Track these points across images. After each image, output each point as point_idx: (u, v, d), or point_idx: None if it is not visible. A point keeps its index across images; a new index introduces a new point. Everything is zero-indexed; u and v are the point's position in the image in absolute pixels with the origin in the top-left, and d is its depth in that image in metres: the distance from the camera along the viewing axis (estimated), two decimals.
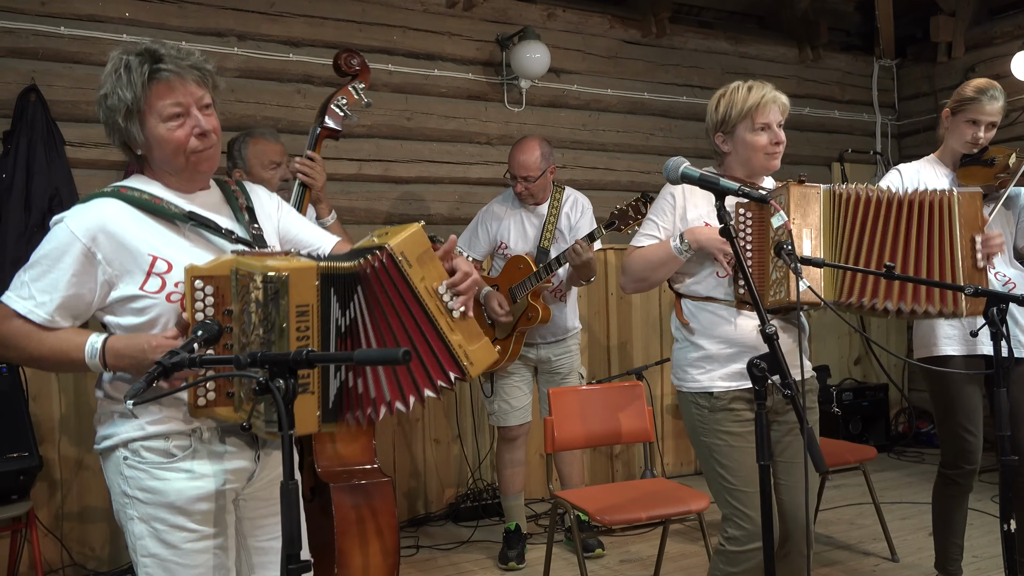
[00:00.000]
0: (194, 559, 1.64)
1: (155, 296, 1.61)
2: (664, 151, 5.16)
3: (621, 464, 5.01)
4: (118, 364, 1.58)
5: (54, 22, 3.65)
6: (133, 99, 1.61)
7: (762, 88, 2.35)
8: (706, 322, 2.34)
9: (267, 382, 1.26)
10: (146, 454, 1.64)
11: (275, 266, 1.49)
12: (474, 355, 1.67)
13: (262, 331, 1.49)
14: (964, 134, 2.89)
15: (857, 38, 6.19)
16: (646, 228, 2.43)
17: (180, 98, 1.63)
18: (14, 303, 1.61)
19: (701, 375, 2.34)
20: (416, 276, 1.61)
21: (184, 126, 1.64)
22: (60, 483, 3.61)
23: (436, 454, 4.50)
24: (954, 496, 2.99)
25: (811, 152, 5.83)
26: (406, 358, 1.21)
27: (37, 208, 3.47)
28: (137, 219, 1.64)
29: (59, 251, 1.60)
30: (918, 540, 3.87)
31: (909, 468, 5.27)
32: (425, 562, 3.84)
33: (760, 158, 2.34)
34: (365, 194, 4.40)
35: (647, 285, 2.44)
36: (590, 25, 5.05)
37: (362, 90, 2.90)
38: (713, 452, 2.31)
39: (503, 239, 3.79)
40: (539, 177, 3.66)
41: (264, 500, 1.77)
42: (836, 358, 5.91)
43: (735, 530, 2.28)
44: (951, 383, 2.89)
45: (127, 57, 1.63)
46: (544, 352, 3.78)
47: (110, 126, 1.67)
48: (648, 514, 2.99)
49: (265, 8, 4.13)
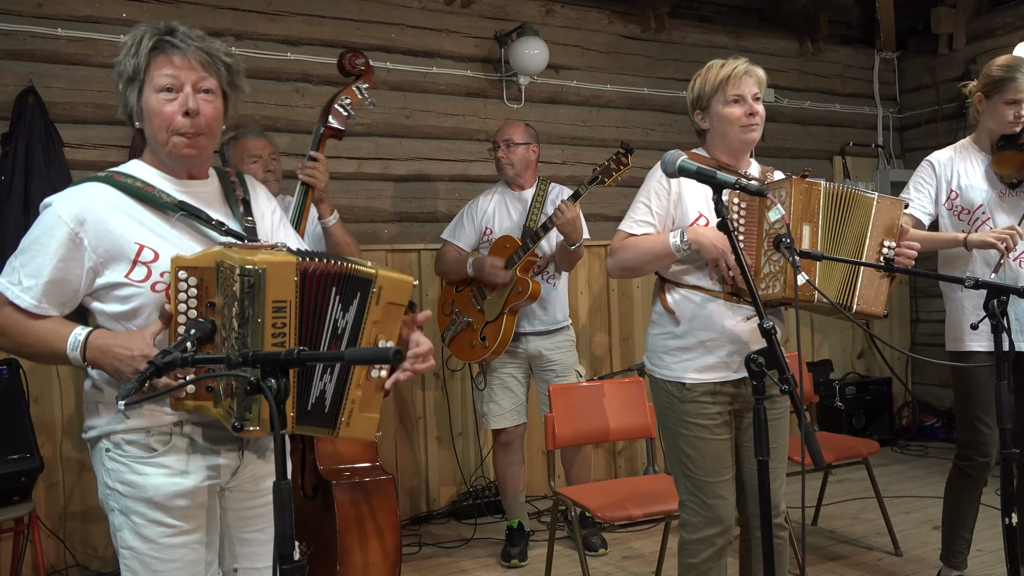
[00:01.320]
0: (171, 553, 1.63)
1: (140, 285, 1.59)
2: (664, 146, 5.10)
3: (623, 460, 5.00)
4: (99, 361, 1.56)
5: (51, 24, 3.65)
6: (135, 67, 1.62)
7: (735, 62, 2.33)
8: (689, 311, 2.31)
9: (258, 382, 1.25)
10: (127, 447, 1.63)
11: (253, 259, 1.47)
12: (355, 420, 1.61)
13: (236, 325, 1.47)
14: (1005, 114, 2.85)
15: (858, 31, 6.16)
16: (637, 212, 2.36)
17: (176, 72, 1.62)
18: (3, 289, 1.61)
19: (675, 364, 2.32)
20: (371, 317, 1.58)
21: (174, 102, 1.62)
22: (62, 484, 3.61)
23: (438, 452, 4.50)
24: (966, 488, 2.99)
25: (812, 145, 5.82)
26: (397, 357, 1.20)
27: (36, 210, 3.46)
28: (127, 206, 1.62)
29: (46, 236, 1.59)
30: (922, 534, 3.85)
31: (913, 462, 5.25)
32: (428, 560, 3.84)
33: (736, 131, 2.30)
34: (365, 192, 4.39)
35: (635, 274, 2.43)
36: (589, 21, 5.03)
37: (366, 90, 2.89)
38: (679, 440, 2.33)
39: (488, 225, 3.79)
40: (520, 145, 3.69)
41: (249, 492, 1.76)
42: (839, 352, 5.89)
43: (691, 516, 2.33)
44: (970, 375, 2.89)
45: (144, 28, 1.65)
46: (535, 345, 3.72)
47: (118, 95, 1.68)
48: (650, 510, 2.98)
49: (263, 7, 4.13)
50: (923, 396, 5.98)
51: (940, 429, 5.70)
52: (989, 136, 2.95)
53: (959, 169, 2.96)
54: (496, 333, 3.60)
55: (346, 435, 1.60)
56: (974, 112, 3.00)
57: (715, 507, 2.28)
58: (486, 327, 3.65)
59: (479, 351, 3.67)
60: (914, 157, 5.89)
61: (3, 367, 3.28)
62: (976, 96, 2.95)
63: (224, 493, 1.73)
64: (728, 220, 1.84)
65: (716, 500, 2.28)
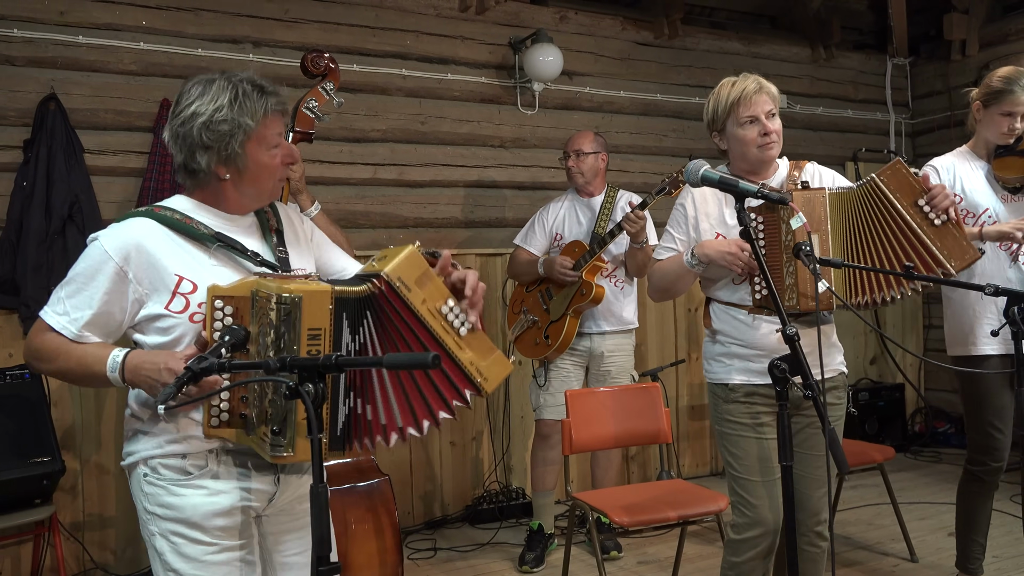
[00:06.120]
0: (215, 571, 1.65)
1: (179, 316, 1.64)
2: (677, 152, 5.16)
3: (637, 466, 5.01)
4: (134, 379, 1.60)
5: (72, 31, 3.69)
6: (254, 126, 1.67)
7: (745, 80, 2.34)
8: (728, 325, 2.42)
9: (296, 386, 1.27)
10: (164, 471, 1.67)
11: (290, 288, 1.51)
12: (487, 370, 1.66)
13: (273, 353, 1.51)
14: (1000, 126, 2.88)
15: (870, 37, 6.17)
16: (665, 240, 2.51)
17: (281, 128, 1.74)
18: (49, 318, 1.66)
19: (720, 368, 2.44)
20: (417, 299, 1.60)
21: (277, 156, 1.73)
22: (81, 488, 3.64)
23: (452, 456, 4.52)
24: (978, 493, 2.99)
25: (825, 151, 5.82)
26: (435, 362, 1.22)
27: (57, 215, 3.50)
28: (168, 239, 1.67)
29: (93, 269, 1.64)
30: (937, 540, 3.85)
31: (926, 468, 5.25)
32: (443, 564, 3.85)
33: (753, 151, 2.34)
34: (380, 198, 4.42)
35: (671, 295, 2.56)
36: (602, 27, 5.05)
37: (332, 90, 2.87)
38: (725, 440, 2.42)
39: (558, 231, 3.94)
40: (590, 155, 3.86)
41: (288, 514, 1.79)
42: (852, 358, 5.87)
43: (738, 517, 2.38)
44: (982, 380, 2.89)
45: (242, 86, 1.68)
46: (598, 344, 3.83)
47: (206, 148, 1.66)
48: (666, 515, 2.99)
49: (280, 15, 4.16)
50: (936, 402, 5.97)
51: (953, 435, 5.69)
52: (985, 145, 2.97)
53: (962, 174, 2.96)
54: (559, 332, 3.74)
55: (494, 386, 1.67)
56: (971, 120, 3.01)
57: (758, 508, 2.32)
58: (550, 326, 3.79)
59: (542, 348, 3.82)
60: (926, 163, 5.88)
61: (25, 371, 3.31)
62: (975, 104, 2.96)
63: (261, 519, 1.76)
64: (751, 228, 1.85)
65: (758, 500, 2.32)
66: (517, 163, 4.80)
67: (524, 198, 4.76)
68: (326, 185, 4.19)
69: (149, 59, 3.84)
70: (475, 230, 4.65)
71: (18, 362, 3.42)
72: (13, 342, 3.54)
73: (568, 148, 3.92)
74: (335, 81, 2.90)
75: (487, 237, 4.66)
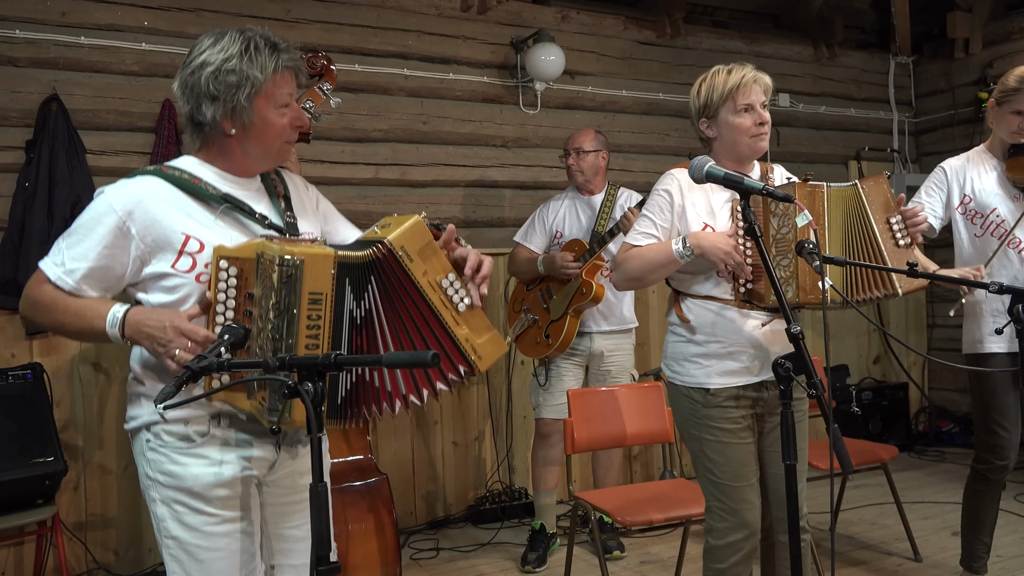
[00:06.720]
0: (216, 542, 1.65)
1: (185, 275, 1.62)
2: (680, 152, 5.15)
3: (639, 465, 5.00)
4: (135, 336, 1.58)
5: (74, 32, 3.69)
6: (263, 80, 1.64)
7: (742, 69, 2.31)
8: (706, 320, 2.30)
9: (296, 386, 1.26)
10: (166, 437, 1.65)
11: (293, 251, 1.50)
12: (482, 348, 1.65)
13: (273, 315, 1.49)
14: (1010, 124, 2.91)
15: (873, 35, 6.15)
16: (643, 226, 2.35)
17: (292, 89, 1.70)
18: (48, 268, 1.64)
19: (697, 371, 2.32)
20: (418, 270, 1.60)
21: (286, 115, 1.69)
22: (83, 488, 3.64)
23: (455, 456, 4.51)
24: (984, 492, 2.99)
25: (828, 150, 5.81)
26: (435, 361, 1.21)
27: (59, 216, 3.50)
28: (175, 198, 1.65)
29: (94, 221, 1.63)
30: (941, 540, 3.84)
31: (930, 467, 5.23)
32: (445, 564, 3.85)
33: (746, 141, 2.30)
34: (382, 198, 4.41)
35: (641, 285, 2.41)
36: (604, 26, 5.05)
37: (328, 90, 2.87)
38: (703, 446, 2.33)
39: (558, 228, 3.94)
40: (590, 153, 3.86)
41: (288, 488, 1.78)
42: (855, 357, 5.87)
43: (717, 522, 2.32)
44: (988, 378, 2.90)
45: (255, 39, 1.65)
46: (598, 344, 3.83)
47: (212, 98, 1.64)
48: (669, 515, 2.98)
49: (282, 15, 4.16)
50: (940, 401, 5.96)
51: (957, 434, 5.67)
52: (1000, 144, 2.99)
53: (972, 175, 3.00)
54: (559, 331, 3.74)
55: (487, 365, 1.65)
56: (989, 119, 3.04)
57: (741, 512, 2.28)
58: (551, 325, 3.79)
59: (543, 348, 3.82)
60: (930, 161, 5.88)
61: (27, 371, 3.31)
62: (990, 103, 3.00)
63: (263, 488, 1.75)
64: (756, 226, 1.84)
65: (742, 505, 2.28)
66: (519, 163, 4.80)
67: (526, 198, 4.76)
68: (328, 185, 4.18)
69: (151, 60, 3.84)
70: (476, 229, 4.64)
71: (20, 362, 3.43)
72: (16, 343, 3.55)
73: (568, 146, 3.92)
74: (332, 81, 2.90)
75: (488, 237, 4.65)
